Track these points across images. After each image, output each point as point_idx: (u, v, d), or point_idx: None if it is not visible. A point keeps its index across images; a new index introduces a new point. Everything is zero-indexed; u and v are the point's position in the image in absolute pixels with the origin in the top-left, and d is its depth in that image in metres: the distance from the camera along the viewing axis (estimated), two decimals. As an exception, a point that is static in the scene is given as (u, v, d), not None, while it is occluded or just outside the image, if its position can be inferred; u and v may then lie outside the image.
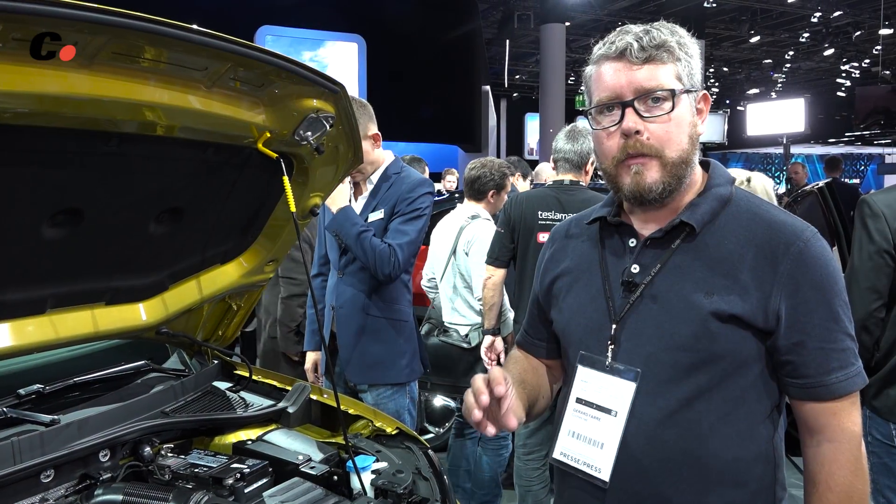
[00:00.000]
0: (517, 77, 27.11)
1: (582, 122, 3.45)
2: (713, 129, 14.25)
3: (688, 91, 1.34)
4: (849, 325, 1.31)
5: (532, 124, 28.38)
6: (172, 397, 2.09)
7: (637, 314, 1.36)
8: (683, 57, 1.34)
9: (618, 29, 1.39)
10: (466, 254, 3.68)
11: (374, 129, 2.93)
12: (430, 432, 4.70)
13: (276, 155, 1.74)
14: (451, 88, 16.14)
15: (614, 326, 1.38)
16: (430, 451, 2.07)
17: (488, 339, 3.53)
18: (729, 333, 1.28)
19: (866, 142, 34.38)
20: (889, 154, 33.68)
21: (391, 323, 3.02)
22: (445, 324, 3.84)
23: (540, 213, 3.36)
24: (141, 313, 1.90)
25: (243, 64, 1.50)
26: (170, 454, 1.94)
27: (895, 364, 2.31)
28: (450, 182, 7.13)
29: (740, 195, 1.40)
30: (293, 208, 1.71)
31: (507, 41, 18.98)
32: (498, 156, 18.28)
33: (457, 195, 5.93)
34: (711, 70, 24.73)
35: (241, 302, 2.28)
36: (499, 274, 3.46)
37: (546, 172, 6.13)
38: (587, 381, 1.37)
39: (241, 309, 2.29)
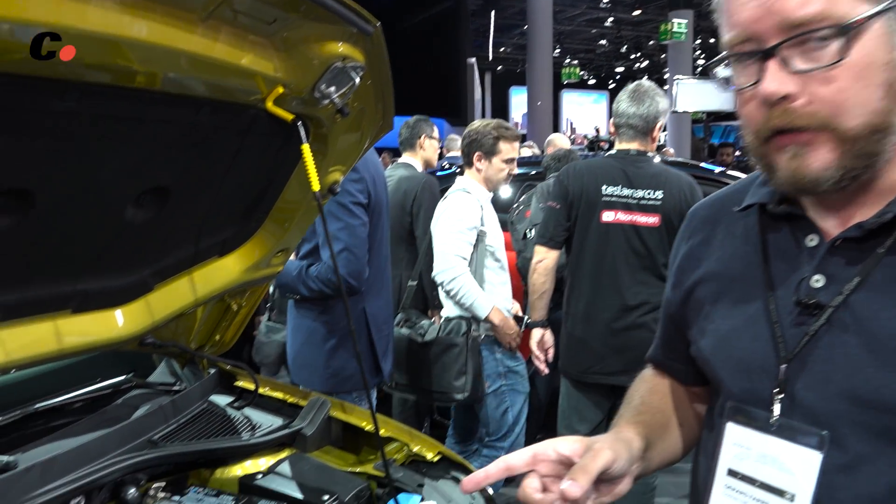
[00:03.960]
0: (502, 49, 26.57)
1: (647, 81, 3.01)
2: (718, 97, 13.54)
3: (884, 10, 0.83)
4: None
5: (517, 98, 27.92)
6: (162, 421, 1.69)
7: (822, 351, 0.91)
8: None
9: None
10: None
11: None
12: (445, 425, 4.33)
13: (291, 116, 1.33)
14: (438, 61, 15.68)
15: (785, 367, 0.93)
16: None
17: (537, 332, 3.11)
18: None
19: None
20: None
21: (321, 323, 2.72)
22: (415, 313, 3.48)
23: (604, 187, 2.91)
24: (118, 322, 1.49)
25: (249, -14, 1.09)
26: (161, 495, 1.55)
27: None
28: (453, 153, 6.55)
29: None
30: (316, 186, 1.30)
31: (493, 12, 18.48)
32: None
33: (458, 168, 5.49)
34: (698, 42, 24.35)
35: (242, 301, 1.88)
36: (552, 257, 3.01)
37: (559, 142, 5.72)
38: (742, 446, 0.92)
39: (243, 308, 1.89)
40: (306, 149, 1.31)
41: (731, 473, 0.95)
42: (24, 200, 1.14)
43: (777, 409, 0.92)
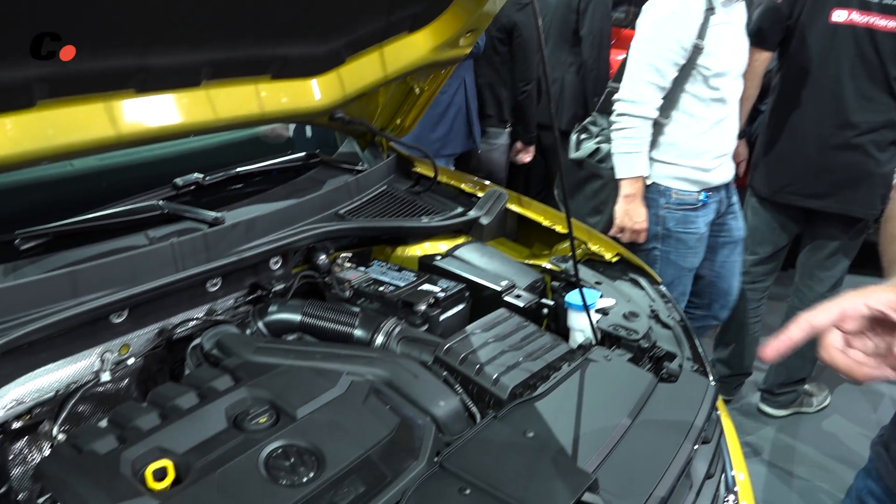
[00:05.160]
0: None
1: None
2: None
3: None
4: None
5: None
6: (346, 197, 1.74)
7: None
8: None
9: None
10: None
11: None
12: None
13: None
14: None
15: None
16: (664, 289, 1.65)
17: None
18: None
19: None
20: None
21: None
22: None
23: None
24: (314, 92, 1.49)
25: None
26: (347, 264, 1.64)
27: None
28: None
29: None
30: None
31: None
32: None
33: None
34: None
35: (424, 85, 1.83)
36: (762, 59, 2.57)
37: None
38: None
39: (425, 93, 1.85)
40: None
41: None
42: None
43: None
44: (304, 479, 0.94)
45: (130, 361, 1.29)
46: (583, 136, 2.59)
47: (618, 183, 2.34)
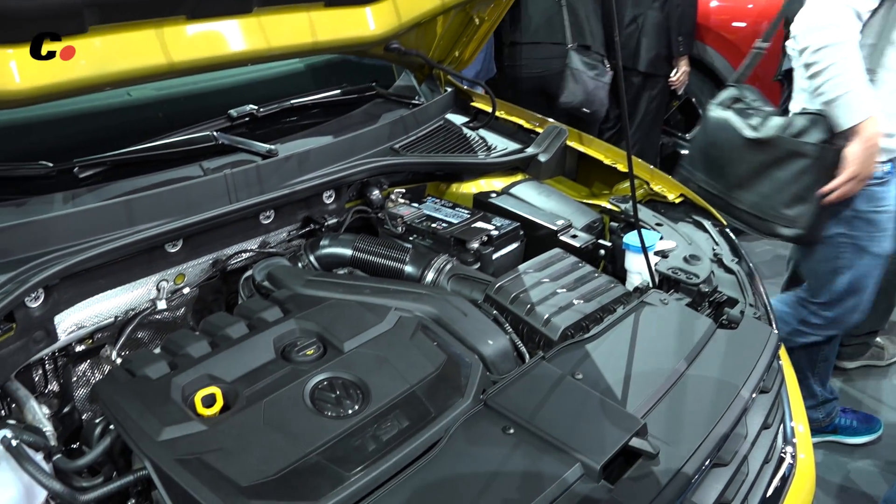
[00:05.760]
0: None
1: None
2: None
3: None
4: None
5: None
6: (402, 131, 1.71)
7: None
8: None
9: None
10: None
11: None
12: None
13: None
14: None
15: None
16: (729, 231, 1.57)
17: None
18: None
19: None
20: None
21: None
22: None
23: None
24: (369, 21, 1.44)
25: None
26: (401, 200, 1.61)
27: None
28: None
29: None
30: None
31: None
32: None
33: None
34: None
35: (485, 15, 1.75)
36: None
37: None
38: None
39: (485, 23, 1.78)
40: None
41: None
42: None
43: None
44: (349, 412, 0.94)
45: (186, 291, 1.31)
46: (735, 111, 2.12)
47: (849, 132, 1.85)
